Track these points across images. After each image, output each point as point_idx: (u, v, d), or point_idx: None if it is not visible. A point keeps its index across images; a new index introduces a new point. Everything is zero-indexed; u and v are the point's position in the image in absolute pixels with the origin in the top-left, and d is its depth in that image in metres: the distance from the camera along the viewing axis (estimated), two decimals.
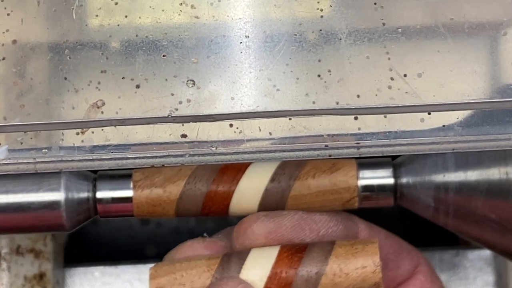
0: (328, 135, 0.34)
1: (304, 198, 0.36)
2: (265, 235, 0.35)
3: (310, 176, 0.36)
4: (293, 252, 0.35)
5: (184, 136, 0.34)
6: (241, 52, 0.34)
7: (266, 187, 0.36)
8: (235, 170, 0.36)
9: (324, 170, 0.36)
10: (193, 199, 0.36)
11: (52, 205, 0.36)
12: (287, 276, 0.35)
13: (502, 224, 0.36)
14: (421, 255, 0.38)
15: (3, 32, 0.35)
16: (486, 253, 0.46)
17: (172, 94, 0.34)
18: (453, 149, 0.34)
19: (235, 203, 0.36)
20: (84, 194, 0.36)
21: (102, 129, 0.34)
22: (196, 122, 0.34)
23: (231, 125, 0.34)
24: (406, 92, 0.34)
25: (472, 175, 0.36)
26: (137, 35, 0.35)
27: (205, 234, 0.37)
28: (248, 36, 0.35)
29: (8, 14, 0.35)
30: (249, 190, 0.36)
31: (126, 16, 0.35)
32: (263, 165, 0.36)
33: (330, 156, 0.34)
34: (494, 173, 0.35)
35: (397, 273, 0.37)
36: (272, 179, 0.36)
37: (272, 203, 0.36)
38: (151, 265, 0.36)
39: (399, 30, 0.35)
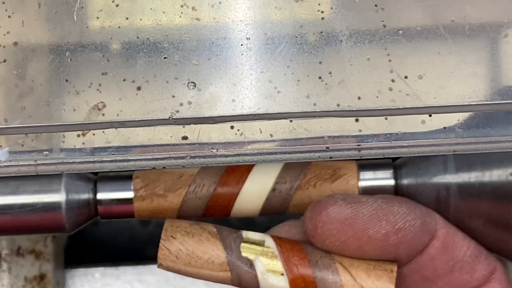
0: (329, 137, 0.34)
1: (304, 205, 0.36)
2: (341, 220, 0.33)
3: (312, 186, 0.36)
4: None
5: (185, 138, 0.34)
6: (242, 54, 0.34)
7: (267, 196, 0.36)
8: (236, 178, 0.36)
9: (325, 179, 0.36)
10: (194, 207, 0.36)
11: (52, 207, 0.36)
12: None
13: (503, 226, 0.36)
14: (498, 263, 0.36)
15: (4, 34, 0.35)
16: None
17: (173, 96, 0.34)
18: (454, 151, 0.34)
19: (237, 209, 0.36)
20: (85, 196, 0.36)
21: (103, 131, 0.34)
22: (197, 124, 0.34)
23: (232, 127, 0.34)
24: (407, 94, 0.34)
25: (472, 177, 0.36)
26: (138, 37, 0.35)
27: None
28: (249, 38, 0.35)
29: (9, 16, 0.35)
30: (249, 200, 0.36)
31: (127, 18, 0.35)
32: (263, 173, 0.36)
33: (331, 158, 0.34)
34: (495, 175, 0.35)
35: (472, 277, 0.35)
36: (273, 189, 0.36)
37: (273, 212, 0.37)
38: (152, 266, 0.36)
39: (400, 32, 0.35)
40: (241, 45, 0.35)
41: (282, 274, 0.34)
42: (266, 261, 0.34)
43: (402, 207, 0.34)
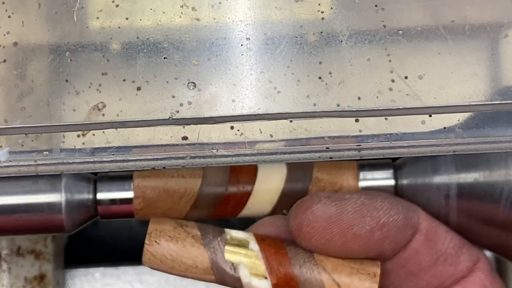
0: (329, 137, 0.34)
1: None
2: (325, 218, 0.34)
3: (322, 185, 0.36)
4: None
5: (185, 138, 0.34)
6: (242, 54, 0.34)
7: (276, 203, 0.37)
8: (237, 201, 0.36)
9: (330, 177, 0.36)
10: (197, 217, 0.37)
11: (52, 207, 0.36)
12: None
13: (503, 226, 0.36)
14: (481, 253, 0.36)
15: (4, 34, 0.35)
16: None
17: (173, 96, 0.34)
18: (454, 151, 0.34)
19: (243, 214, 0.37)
20: (85, 196, 0.36)
21: (103, 131, 0.34)
22: (197, 124, 0.34)
23: (232, 127, 0.34)
24: (407, 94, 0.34)
25: (473, 177, 0.36)
26: (138, 37, 0.35)
27: (284, 211, 0.36)
28: (249, 38, 0.35)
29: (9, 16, 0.35)
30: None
31: (127, 18, 0.35)
32: (263, 197, 0.37)
33: (331, 158, 0.34)
34: (495, 175, 0.35)
35: (456, 269, 0.36)
36: (273, 210, 0.36)
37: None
38: None
39: (400, 32, 0.35)
40: (241, 45, 0.35)
41: (266, 278, 0.34)
42: (250, 264, 0.34)
43: (385, 202, 0.34)
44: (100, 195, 0.37)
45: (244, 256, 0.34)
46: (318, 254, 0.34)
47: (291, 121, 0.34)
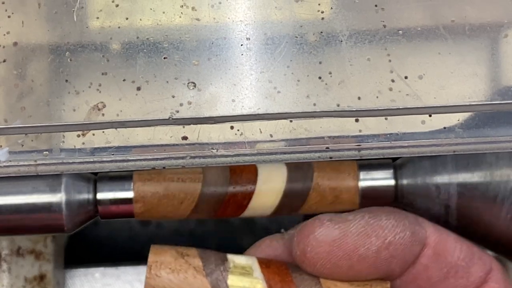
0: (329, 137, 0.34)
1: (319, 204, 0.36)
2: (329, 242, 0.33)
3: (313, 209, 0.36)
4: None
5: (185, 138, 0.34)
6: (242, 54, 0.34)
7: (278, 203, 0.37)
8: (238, 203, 0.36)
9: (326, 204, 0.36)
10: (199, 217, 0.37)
11: (52, 207, 0.36)
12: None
13: (503, 226, 0.36)
14: (494, 261, 0.35)
15: (4, 34, 0.35)
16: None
17: (173, 96, 0.34)
18: (454, 151, 0.34)
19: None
20: (85, 196, 0.36)
21: (103, 131, 0.34)
22: (197, 124, 0.34)
23: (232, 127, 0.34)
24: (407, 94, 0.34)
25: (472, 177, 0.36)
26: (137, 37, 0.35)
27: (282, 230, 0.35)
28: (249, 38, 0.35)
29: (9, 16, 0.35)
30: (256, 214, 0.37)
31: (126, 18, 0.35)
32: (265, 198, 0.37)
33: (331, 158, 0.34)
34: (495, 175, 0.35)
35: (468, 280, 0.34)
36: (275, 211, 0.36)
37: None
38: None
39: (400, 32, 0.35)
40: (241, 45, 0.35)
41: None
42: None
43: (390, 219, 0.33)
44: (100, 195, 0.37)
45: (249, 286, 0.33)
46: (325, 280, 0.33)
47: (291, 121, 0.34)
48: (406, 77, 0.34)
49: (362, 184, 0.37)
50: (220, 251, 0.34)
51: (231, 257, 0.34)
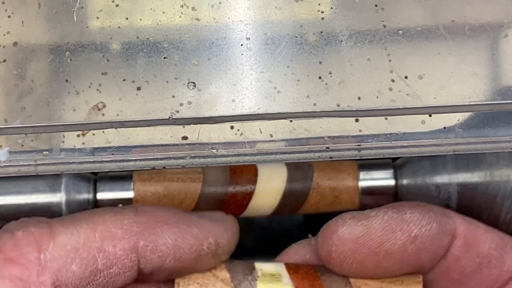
0: (329, 137, 0.34)
1: (319, 203, 0.36)
2: (353, 240, 0.32)
3: (313, 209, 0.36)
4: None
5: (185, 138, 0.34)
6: (242, 54, 0.34)
7: (278, 203, 0.37)
8: (238, 203, 0.36)
9: (326, 204, 0.36)
10: None
11: (52, 207, 0.36)
12: None
13: (503, 226, 0.36)
14: None
15: (4, 34, 0.35)
16: None
17: (173, 96, 0.34)
18: (454, 151, 0.34)
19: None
20: (85, 196, 0.36)
21: (103, 131, 0.34)
22: (197, 124, 0.34)
23: (232, 127, 0.34)
24: (407, 94, 0.34)
25: (473, 177, 0.36)
26: (138, 37, 0.35)
27: (309, 235, 0.35)
28: (249, 38, 0.35)
29: (9, 16, 0.35)
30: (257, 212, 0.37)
31: (126, 18, 0.35)
32: (265, 198, 0.37)
33: (331, 158, 0.34)
34: (495, 175, 0.35)
35: (502, 270, 0.34)
36: (275, 210, 0.36)
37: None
38: None
39: (400, 32, 0.35)
40: (241, 45, 0.35)
41: None
42: None
43: (415, 212, 0.33)
44: (100, 195, 0.37)
45: None
46: (355, 280, 0.33)
47: (291, 121, 0.34)
48: (406, 77, 0.34)
49: (362, 184, 0.37)
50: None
51: (259, 265, 0.34)
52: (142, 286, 0.34)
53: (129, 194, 0.36)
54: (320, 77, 0.34)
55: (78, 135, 0.34)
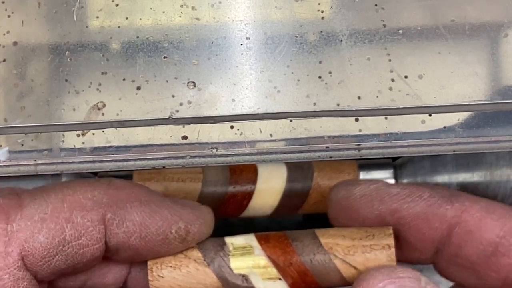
0: (329, 136, 0.34)
1: (319, 203, 0.36)
2: (336, 202, 0.34)
3: (313, 209, 0.36)
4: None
5: (185, 137, 0.34)
6: (242, 54, 0.34)
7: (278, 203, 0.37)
8: (238, 203, 0.36)
9: (326, 204, 0.36)
10: None
11: None
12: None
13: None
14: None
15: (4, 34, 0.35)
16: None
17: (173, 96, 0.34)
18: (454, 151, 0.34)
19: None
20: None
21: (103, 131, 0.34)
22: (197, 123, 0.34)
23: (232, 127, 0.34)
24: (407, 94, 0.34)
25: (472, 177, 0.36)
26: (137, 37, 0.35)
27: None
28: (249, 38, 0.35)
29: (9, 16, 0.35)
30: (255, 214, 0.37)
31: (126, 18, 0.35)
32: (265, 197, 0.36)
33: (331, 157, 0.34)
34: (495, 175, 0.35)
35: None
36: (276, 210, 0.36)
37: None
38: None
39: (400, 31, 0.35)
40: (241, 44, 0.34)
41: (280, 279, 0.33)
42: (260, 271, 0.33)
43: (405, 189, 0.33)
44: None
45: (252, 265, 0.33)
46: (327, 241, 0.34)
47: (291, 121, 0.34)
48: (406, 77, 0.34)
49: None
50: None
51: (229, 240, 0.34)
52: (113, 266, 0.34)
53: None
54: (320, 77, 0.34)
55: (78, 135, 0.34)
